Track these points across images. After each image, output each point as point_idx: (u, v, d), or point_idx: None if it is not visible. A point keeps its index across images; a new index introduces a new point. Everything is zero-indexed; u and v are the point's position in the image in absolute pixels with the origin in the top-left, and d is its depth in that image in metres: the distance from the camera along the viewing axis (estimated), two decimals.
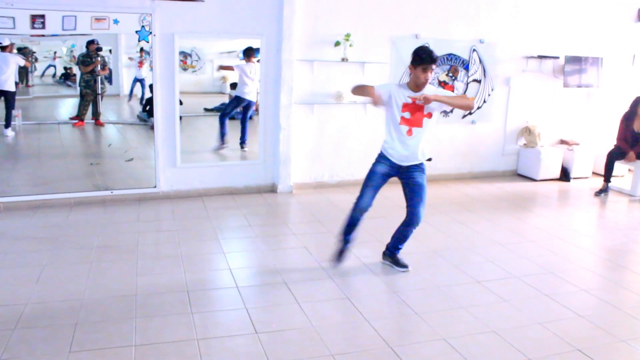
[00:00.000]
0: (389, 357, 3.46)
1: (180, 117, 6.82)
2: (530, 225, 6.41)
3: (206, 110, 11.35)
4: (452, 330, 3.84)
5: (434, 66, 4.38)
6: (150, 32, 6.31)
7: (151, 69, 6.53)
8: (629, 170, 8.51)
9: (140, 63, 9.28)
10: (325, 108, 7.34)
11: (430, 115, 4.47)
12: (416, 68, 4.38)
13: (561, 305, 4.28)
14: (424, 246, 5.44)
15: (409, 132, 4.49)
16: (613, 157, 7.90)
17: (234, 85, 11.05)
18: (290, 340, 3.62)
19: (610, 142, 8.30)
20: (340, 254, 4.83)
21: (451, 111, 8.05)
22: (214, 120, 11.27)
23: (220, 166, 7.17)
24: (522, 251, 5.43)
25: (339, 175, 7.63)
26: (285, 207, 6.77)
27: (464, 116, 8.19)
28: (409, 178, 4.62)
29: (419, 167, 4.62)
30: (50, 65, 10.53)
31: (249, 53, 8.05)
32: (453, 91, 7.95)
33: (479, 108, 8.26)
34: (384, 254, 4.99)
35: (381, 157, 4.68)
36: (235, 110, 10.45)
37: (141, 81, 9.68)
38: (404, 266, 4.84)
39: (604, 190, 7.85)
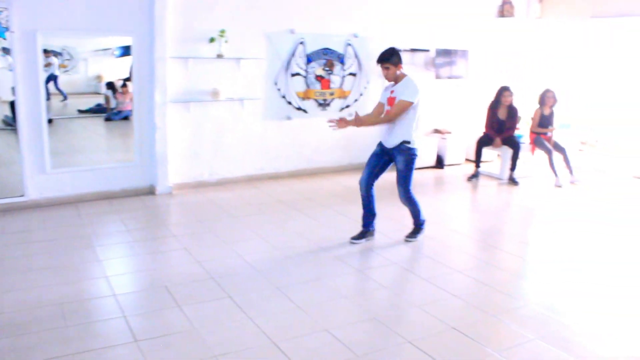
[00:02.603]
0: (273, 352, 3.46)
1: (51, 120, 6.45)
2: (408, 212, 6.62)
3: (80, 111, 10.82)
4: (335, 320, 3.91)
5: (386, 64, 5.10)
6: (8, 29, 5.89)
7: (11, 70, 6.10)
8: (497, 155, 9.05)
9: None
10: (202, 106, 7.22)
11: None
12: None
13: (437, 288, 4.48)
14: (305, 239, 5.51)
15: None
16: (482, 143, 8.36)
17: (109, 85, 10.60)
18: (171, 345, 3.53)
19: (479, 129, 8.79)
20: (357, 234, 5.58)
21: (328, 104, 8.19)
22: (88, 122, 10.76)
23: (94, 170, 6.81)
24: (399, 237, 5.63)
25: (219, 173, 7.54)
26: (164, 209, 6.59)
27: (342, 109, 8.35)
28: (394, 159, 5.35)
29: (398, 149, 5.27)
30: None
31: None
32: (329, 87, 8.11)
33: (355, 101, 8.45)
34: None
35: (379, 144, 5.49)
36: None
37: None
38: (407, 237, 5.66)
39: (475, 175, 8.31)
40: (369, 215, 5.54)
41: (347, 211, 6.47)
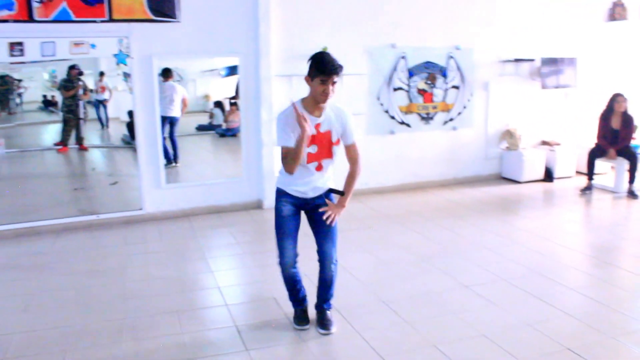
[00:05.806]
0: None
1: (165, 138, 6.80)
2: (516, 227, 6.45)
3: (198, 129, 11.37)
4: (442, 336, 3.86)
5: (336, 77, 3.49)
6: (128, 55, 6.32)
7: (132, 92, 6.53)
8: (611, 167, 8.61)
9: (102, 88, 9.14)
10: None
11: (338, 141, 3.77)
12: (313, 79, 3.50)
13: (549, 305, 4.31)
14: (412, 254, 5.47)
15: (319, 168, 3.78)
16: (594, 155, 7.99)
17: (217, 103, 11.09)
18: (280, 356, 3.63)
19: (590, 140, 8.40)
20: (300, 317, 4.06)
21: (431, 118, 8.14)
22: (202, 140, 11.28)
23: (204, 185, 7.14)
24: (509, 254, 5.47)
25: None
26: (271, 223, 6.71)
27: (445, 122, 8.26)
28: (316, 212, 3.88)
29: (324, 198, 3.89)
30: None
31: (167, 74, 8.06)
32: (432, 100, 8.06)
33: (459, 114, 8.33)
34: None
35: (281, 196, 3.93)
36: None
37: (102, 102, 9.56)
38: (326, 328, 3.93)
39: (588, 188, 7.94)
40: (298, 298, 4.12)
41: (451, 225, 6.38)
